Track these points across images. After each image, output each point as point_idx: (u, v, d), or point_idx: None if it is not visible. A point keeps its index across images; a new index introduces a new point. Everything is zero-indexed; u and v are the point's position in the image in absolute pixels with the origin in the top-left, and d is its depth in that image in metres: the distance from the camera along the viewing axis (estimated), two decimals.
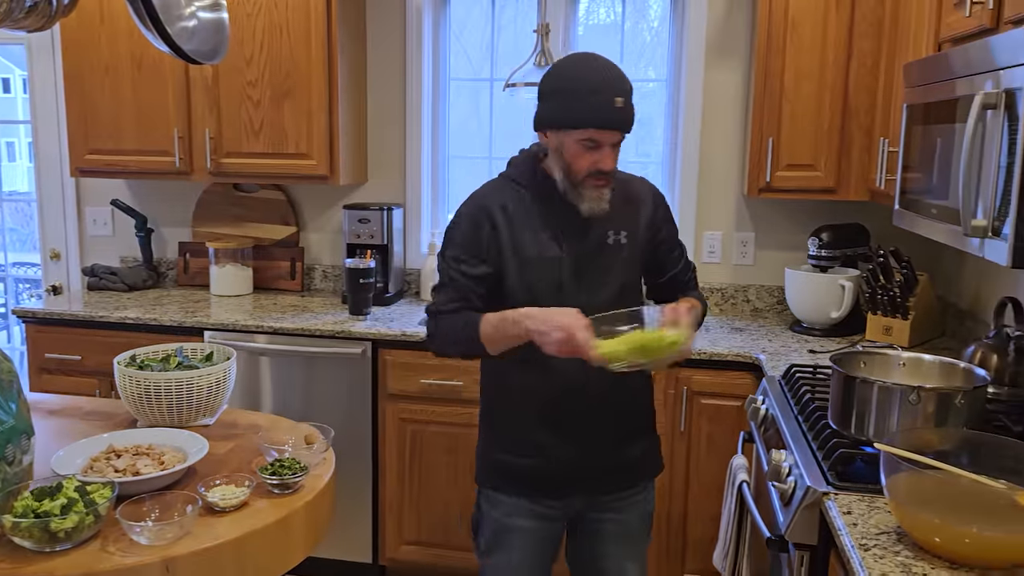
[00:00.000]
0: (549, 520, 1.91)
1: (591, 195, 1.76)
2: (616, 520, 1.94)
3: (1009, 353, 2.00)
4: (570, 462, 1.85)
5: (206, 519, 1.54)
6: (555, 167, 1.78)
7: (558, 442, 1.84)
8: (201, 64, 1.90)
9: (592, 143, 1.71)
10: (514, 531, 1.90)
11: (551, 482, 1.86)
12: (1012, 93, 1.46)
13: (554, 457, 1.84)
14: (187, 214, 3.68)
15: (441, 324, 1.81)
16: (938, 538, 1.32)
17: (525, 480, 1.87)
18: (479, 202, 1.83)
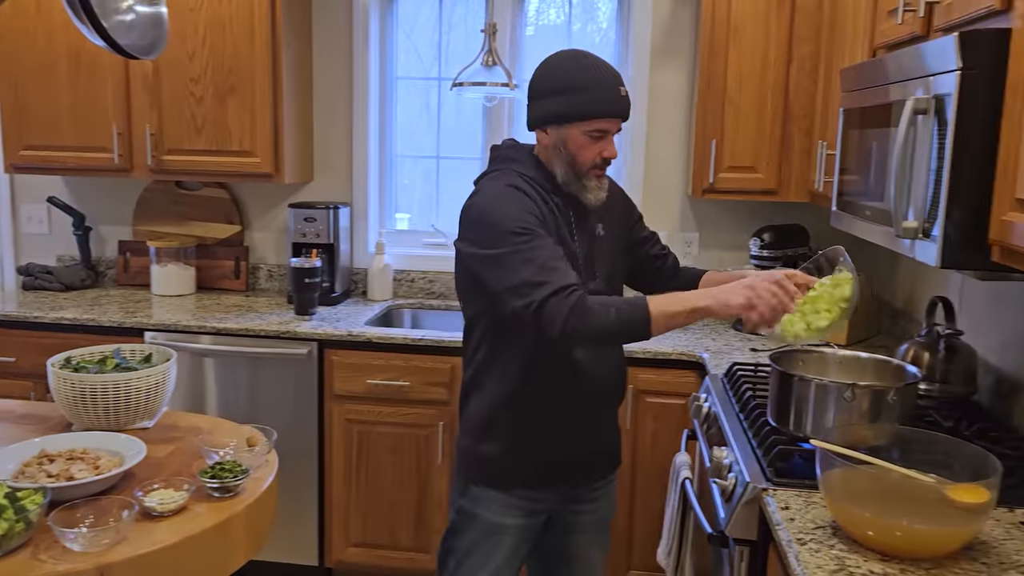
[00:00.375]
0: (535, 516, 1.91)
1: (593, 185, 1.82)
2: (592, 510, 1.99)
3: (939, 351, 2.06)
4: (581, 450, 1.91)
5: (143, 524, 1.51)
6: (556, 162, 1.81)
7: (576, 432, 1.89)
8: (138, 59, 1.86)
9: (599, 133, 1.77)
10: (506, 530, 1.89)
11: (554, 472, 1.88)
12: (941, 99, 1.51)
13: (571, 446, 1.89)
14: (127, 212, 3.60)
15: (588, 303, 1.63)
16: (871, 531, 1.36)
17: (529, 471, 1.86)
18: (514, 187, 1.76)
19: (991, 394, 2.10)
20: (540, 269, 1.63)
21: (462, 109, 3.53)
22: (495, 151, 1.92)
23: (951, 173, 1.47)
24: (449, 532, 1.95)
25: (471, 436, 1.90)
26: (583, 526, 2.00)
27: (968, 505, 1.32)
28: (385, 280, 3.39)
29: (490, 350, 1.83)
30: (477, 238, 1.73)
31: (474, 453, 1.89)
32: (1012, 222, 1.36)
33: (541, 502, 1.90)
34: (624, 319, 1.63)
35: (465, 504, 1.90)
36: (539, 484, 1.88)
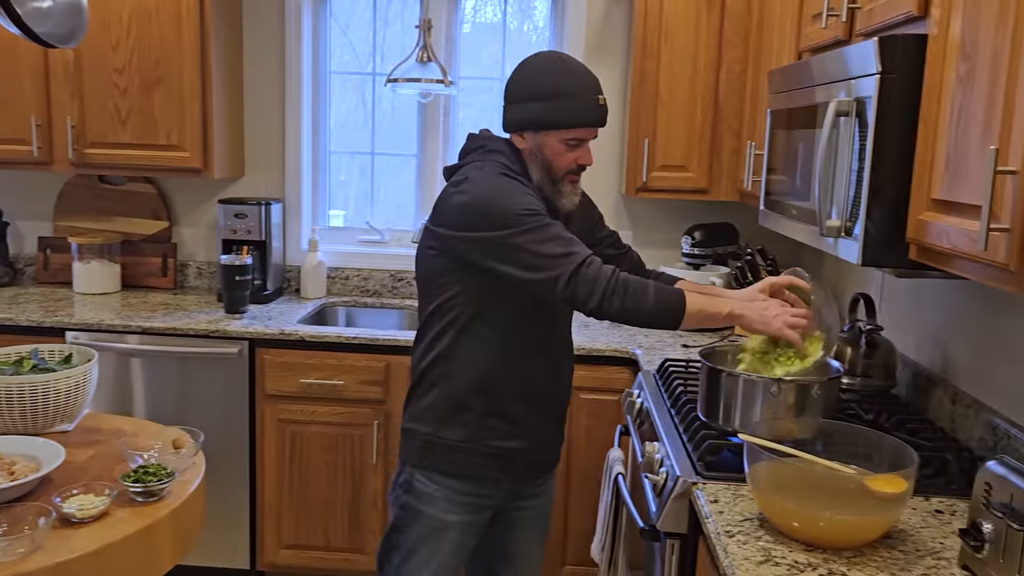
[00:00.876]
0: (481, 512, 1.91)
1: (567, 191, 1.85)
2: (535, 505, 2.02)
3: (861, 346, 2.13)
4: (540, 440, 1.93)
5: (61, 532, 1.46)
6: (531, 165, 1.83)
7: (541, 421, 1.92)
8: (56, 48, 1.80)
9: (576, 141, 1.80)
10: (451, 526, 1.88)
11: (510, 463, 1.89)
12: (862, 101, 1.55)
13: (533, 435, 1.90)
14: (47, 207, 3.46)
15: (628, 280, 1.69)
16: (796, 523, 1.40)
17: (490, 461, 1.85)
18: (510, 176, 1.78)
19: (909, 387, 2.17)
20: (564, 242, 1.69)
21: (398, 105, 3.50)
22: (473, 140, 1.90)
23: (871, 174, 1.52)
24: (392, 529, 1.93)
25: (433, 424, 1.86)
26: (525, 521, 2.02)
27: (887, 495, 1.36)
28: (319, 278, 3.34)
29: (459, 337, 1.81)
30: (480, 223, 1.71)
31: (433, 441, 1.86)
32: (928, 221, 1.41)
33: (488, 498, 1.91)
34: (661, 305, 1.68)
35: (410, 500, 1.89)
36: (493, 477, 1.88)
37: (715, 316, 1.70)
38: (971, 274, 1.30)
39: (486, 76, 3.45)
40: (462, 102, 3.46)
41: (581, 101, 1.77)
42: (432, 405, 1.86)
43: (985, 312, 1.87)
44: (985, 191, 1.15)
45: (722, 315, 1.70)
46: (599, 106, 1.79)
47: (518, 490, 1.97)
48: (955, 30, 1.35)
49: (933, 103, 1.42)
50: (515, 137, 1.84)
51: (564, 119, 1.77)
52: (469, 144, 1.89)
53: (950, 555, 1.37)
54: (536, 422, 1.91)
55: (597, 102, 1.79)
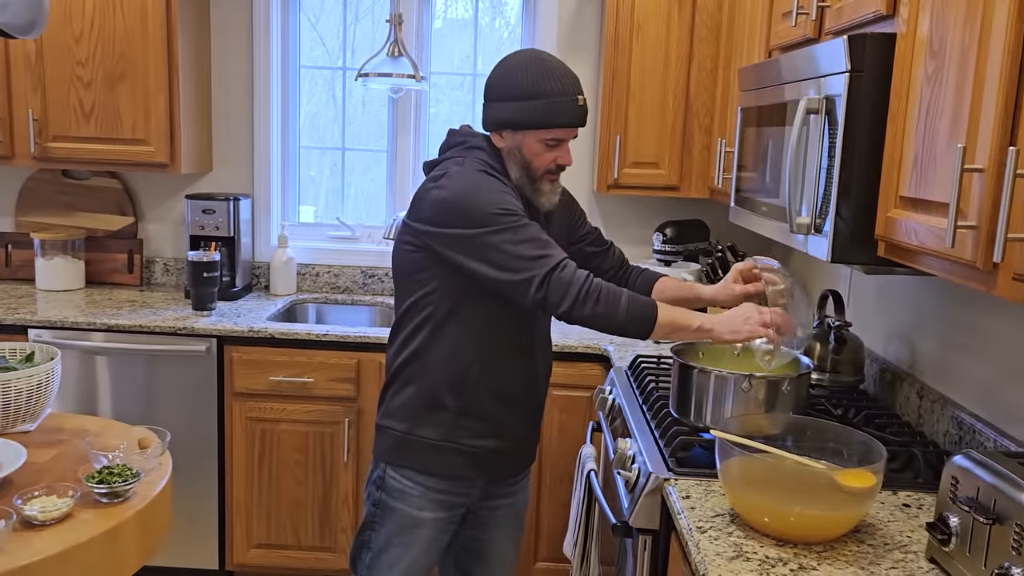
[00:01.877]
0: (454, 509, 1.90)
1: (546, 189, 1.83)
2: (509, 504, 2.01)
3: (830, 342, 2.15)
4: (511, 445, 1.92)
5: (23, 534, 1.43)
6: (510, 164, 1.82)
7: (508, 422, 1.89)
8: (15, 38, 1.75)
9: (555, 142, 1.78)
10: (424, 523, 1.87)
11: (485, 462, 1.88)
12: (832, 99, 1.56)
13: (501, 436, 1.88)
14: (9, 202, 3.39)
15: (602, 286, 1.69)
16: (766, 518, 1.41)
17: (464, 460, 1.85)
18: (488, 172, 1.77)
19: (877, 383, 2.20)
20: (539, 244, 1.69)
21: (369, 101, 3.47)
22: (453, 135, 1.89)
23: (840, 171, 1.53)
24: (364, 526, 1.92)
25: (407, 421, 1.85)
26: (499, 519, 2.02)
27: (856, 490, 1.37)
28: (288, 274, 3.30)
29: (434, 334, 1.79)
30: (456, 220, 1.70)
31: (407, 439, 1.85)
32: (896, 218, 1.42)
33: (462, 495, 1.90)
34: (632, 315, 1.69)
35: (382, 497, 1.88)
36: (467, 475, 1.87)
37: (685, 329, 1.72)
38: (938, 271, 1.31)
39: (458, 72, 3.43)
40: (434, 98, 3.44)
41: (560, 102, 1.76)
42: (407, 403, 1.85)
43: (951, 308, 1.90)
44: (952, 189, 1.16)
45: (692, 329, 1.72)
46: (578, 107, 1.78)
47: (492, 489, 1.97)
48: (923, 29, 1.36)
49: (901, 101, 1.43)
50: (494, 135, 1.83)
51: (543, 119, 1.76)
52: (449, 139, 1.88)
53: (918, 548, 1.39)
54: (511, 422, 1.90)
55: (576, 103, 1.78)
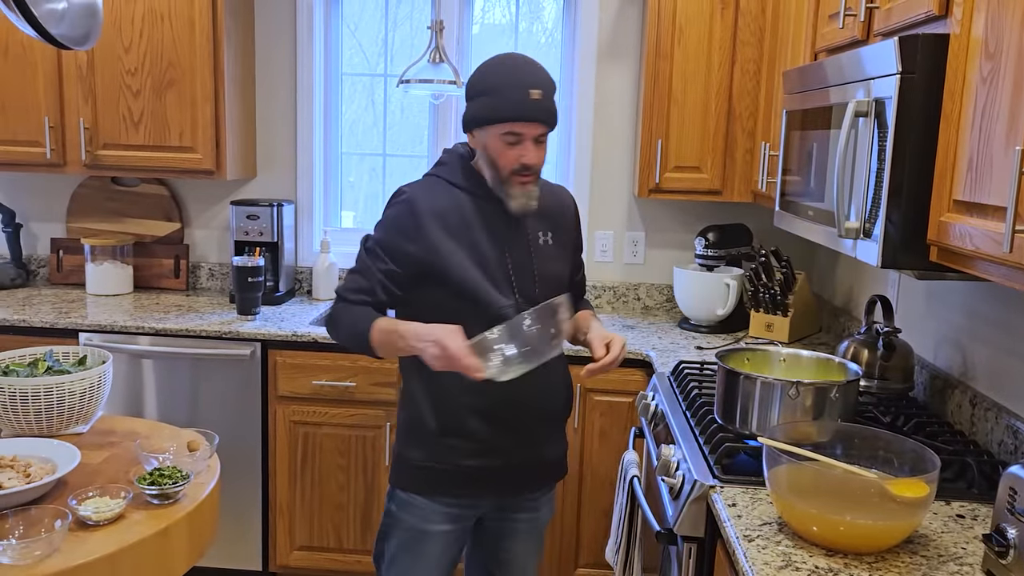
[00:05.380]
0: (463, 521, 1.90)
1: (517, 192, 1.79)
2: (530, 519, 1.98)
3: (879, 348, 2.11)
4: (509, 460, 1.86)
5: (77, 534, 1.46)
6: (484, 166, 1.82)
7: (496, 440, 1.84)
8: (71, 49, 1.79)
9: (514, 137, 1.74)
10: (430, 536, 1.88)
11: (480, 481, 1.85)
12: (881, 102, 1.54)
13: (495, 454, 1.84)
14: (61, 209, 3.47)
15: (340, 311, 1.83)
16: (815, 527, 1.38)
17: (455, 480, 1.84)
18: (408, 202, 1.81)
19: (927, 390, 2.16)
20: (358, 277, 1.81)
21: (408, 106, 3.50)
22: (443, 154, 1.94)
23: (891, 175, 1.50)
24: (378, 537, 1.97)
25: (400, 441, 1.92)
26: (517, 532, 1.98)
27: (908, 499, 1.34)
28: (330, 279, 3.33)
29: (413, 355, 1.75)
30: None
31: (402, 458, 1.90)
32: (949, 223, 1.39)
33: (469, 508, 1.89)
34: (352, 332, 1.79)
35: (392, 507, 1.91)
36: (464, 493, 1.86)
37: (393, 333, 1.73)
38: (994, 276, 1.28)
39: None
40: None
41: (512, 94, 1.72)
42: (401, 422, 1.93)
43: (1006, 314, 1.85)
44: (1010, 192, 1.14)
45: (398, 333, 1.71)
46: (531, 100, 1.71)
47: (508, 503, 1.94)
48: (978, 29, 1.34)
49: (955, 103, 1.40)
50: (469, 137, 1.85)
51: (493, 113, 1.74)
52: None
53: (973, 560, 1.36)
54: (498, 441, 1.84)
55: (529, 96, 1.71)
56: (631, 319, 3.19)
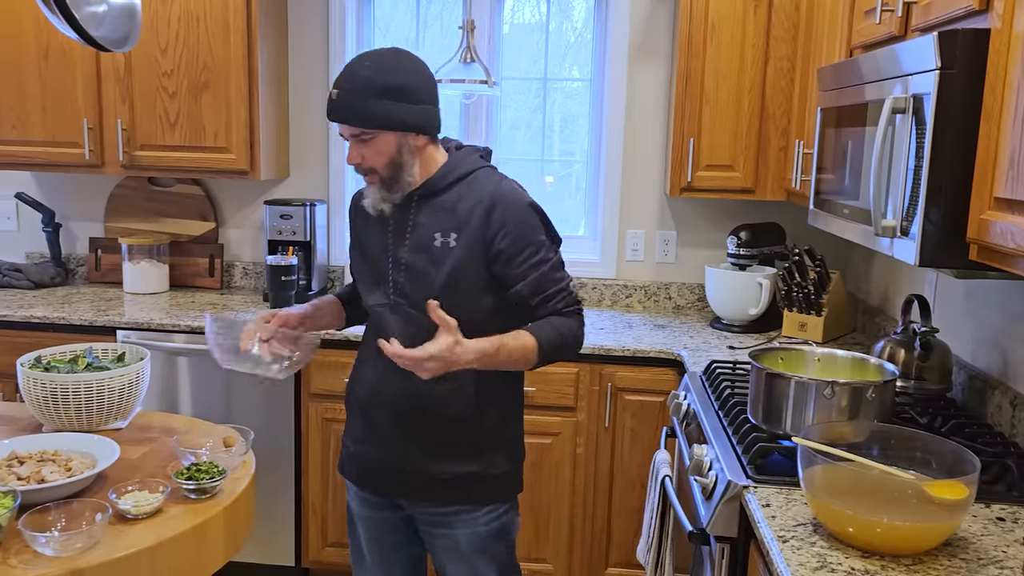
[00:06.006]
0: (376, 508, 1.93)
1: (367, 191, 1.80)
2: (446, 535, 1.88)
3: (915, 348, 2.08)
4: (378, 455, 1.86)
5: (117, 527, 1.49)
6: None
7: (367, 434, 1.88)
8: (110, 51, 1.82)
9: (343, 137, 1.75)
10: (356, 517, 1.98)
11: (363, 471, 1.91)
12: (920, 98, 1.52)
13: (362, 446, 1.89)
14: (98, 209, 3.54)
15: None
16: (851, 528, 1.37)
17: (347, 464, 1.95)
18: (352, 199, 1.97)
19: (965, 391, 2.12)
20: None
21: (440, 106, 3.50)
22: None
23: (929, 172, 1.48)
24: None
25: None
26: (439, 549, 1.91)
27: (947, 501, 1.33)
28: None
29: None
30: None
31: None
32: (990, 220, 1.37)
33: (374, 496, 1.92)
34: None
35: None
36: (351, 477, 1.94)
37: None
38: None
39: (528, 76, 3.44)
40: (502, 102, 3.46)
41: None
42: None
43: None
44: None
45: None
46: (330, 100, 1.71)
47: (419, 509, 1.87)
48: (1020, 24, 1.31)
49: (996, 99, 1.38)
50: None
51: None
52: None
53: (1014, 564, 1.33)
54: (358, 427, 1.89)
55: (330, 96, 1.71)
56: (662, 318, 3.18)
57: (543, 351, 1.73)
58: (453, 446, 1.82)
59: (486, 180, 1.80)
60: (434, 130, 1.78)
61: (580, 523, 2.83)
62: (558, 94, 3.47)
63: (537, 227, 1.78)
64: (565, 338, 1.76)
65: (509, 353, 1.70)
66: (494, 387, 1.82)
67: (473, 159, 1.83)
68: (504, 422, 1.87)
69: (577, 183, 3.52)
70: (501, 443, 1.87)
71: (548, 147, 3.50)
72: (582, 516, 2.83)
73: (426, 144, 1.77)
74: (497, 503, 1.87)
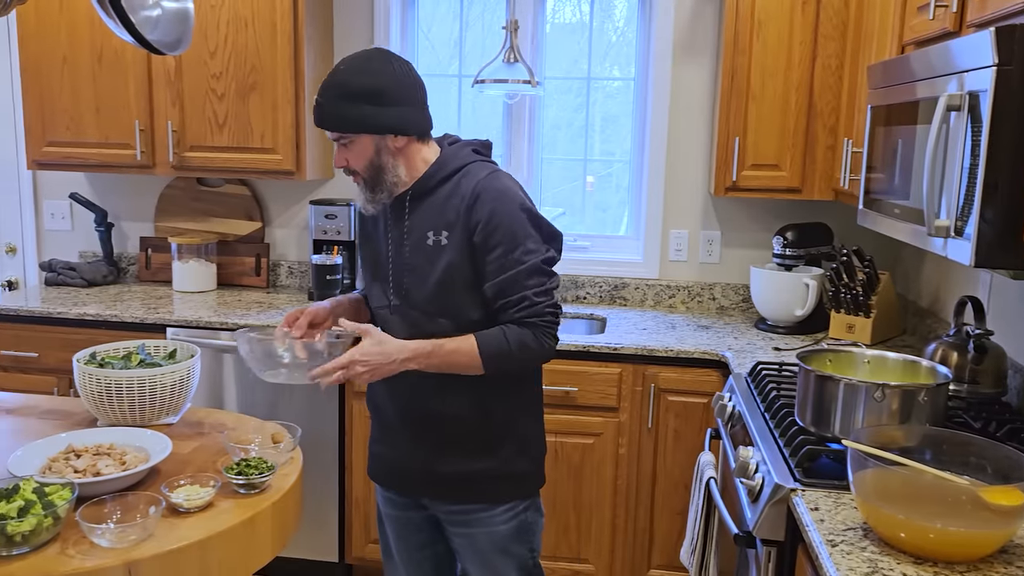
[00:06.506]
0: (400, 508, 1.97)
1: (356, 194, 1.82)
2: (465, 535, 1.89)
3: (969, 351, 2.04)
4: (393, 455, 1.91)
5: (170, 520, 1.52)
6: None
7: (381, 434, 1.94)
8: (164, 54, 1.86)
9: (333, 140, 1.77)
10: (383, 516, 2.04)
11: (384, 471, 1.96)
12: (976, 95, 1.48)
13: (379, 446, 1.95)
14: (149, 208, 3.62)
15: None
16: (903, 533, 1.34)
17: (370, 464, 2.00)
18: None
19: (1021, 394, 2.07)
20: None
21: (478, 107, 3.52)
22: None
23: (986, 170, 1.45)
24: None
25: None
26: (460, 550, 1.93)
27: (1003, 508, 1.29)
28: None
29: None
30: None
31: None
32: None
33: (399, 496, 1.96)
34: None
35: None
36: (375, 478, 1.99)
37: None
38: None
39: (569, 76, 3.44)
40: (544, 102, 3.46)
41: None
42: None
43: None
44: None
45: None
46: (315, 106, 1.75)
47: (440, 508, 1.89)
48: None
49: None
50: None
51: None
52: None
53: None
54: (379, 431, 1.95)
55: (315, 103, 1.74)
56: (706, 319, 3.15)
57: (485, 358, 1.69)
58: (458, 444, 1.83)
59: (474, 175, 1.76)
60: (416, 130, 1.76)
61: (622, 524, 2.82)
62: (599, 93, 3.46)
63: (517, 223, 1.71)
64: (513, 348, 1.69)
65: (448, 354, 1.70)
66: (498, 386, 1.80)
67: (464, 154, 1.81)
68: (515, 419, 1.86)
69: (617, 183, 3.50)
70: (513, 440, 1.86)
71: (589, 146, 3.49)
72: (624, 517, 2.82)
73: (407, 144, 1.75)
74: (515, 501, 1.87)
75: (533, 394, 1.91)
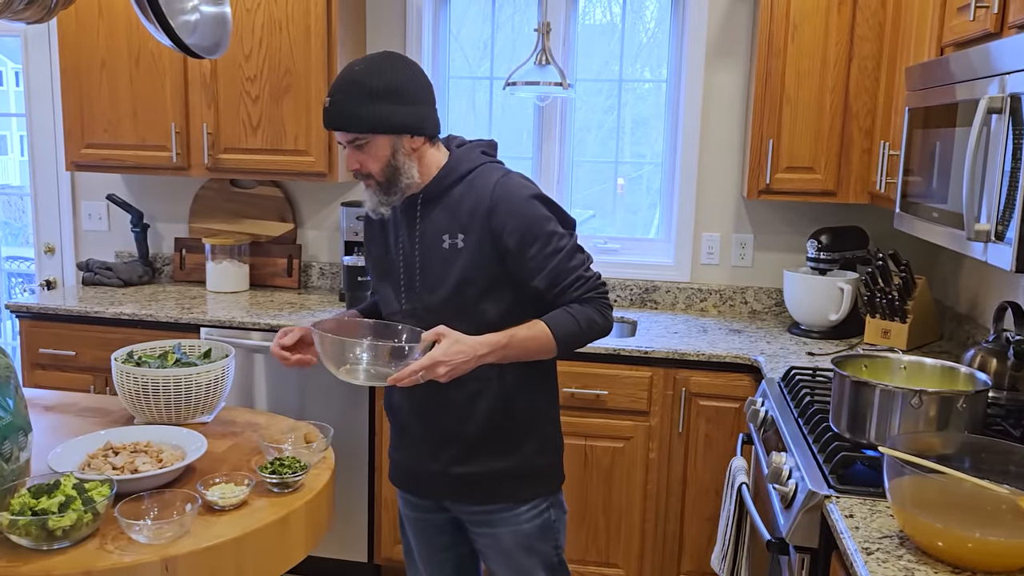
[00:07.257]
0: (421, 510, 1.97)
1: (365, 196, 1.80)
2: (489, 535, 1.89)
3: (1009, 358, 2.00)
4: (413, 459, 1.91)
5: (205, 518, 1.53)
6: None
7: (400, 440, 1.95)
8: (202, 58, 1.89)
9: (341, 145, 1.75)
10: (404, 518, 2.04)
11: (403, 475, 1.96)
12: (1018, 98, 1.46)
13: (398, 451, 1.96)
14: (184, 210, 3.67)
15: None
16: (941, 542, 1.32)
17: (390, 469, 2.01)
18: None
19: None
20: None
21: (508, 109, 3.53)
22: None
23: None
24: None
25: None
26: (485, 550, 1.93)
27: None
28: None
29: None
30: None
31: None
32: None
33: (421, 500, 1.95)
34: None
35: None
36: (395, 483, 2.00)
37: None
38: None
39: (600, 78, 3.43)
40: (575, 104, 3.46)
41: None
42: None
43: None
44: None
45: None
46: (325, 108, 1.71)
47: (462, 509, 1.89)
48: None
49: None
50: None
51: None
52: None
53: None
54: (398, 436, 1.95)
55: (325, 105, 1.71)
56: (738, 323, 3.13)
57: (560, 340, 1.72)
58: (481, 445, 1.83)
59: (487, 177, 1.76)
60: (430, 131, 1.76)
61: (652, 528, 2.81)
62: (629, 95, 3.45)
63: (543, 218, 1.74)
64: (583, 325, 1.74)
65: (522, 343, 1.70)
66: (520, 384, 1.82)
67: (474, 156, 1.80)
68: (535, 417, 1.87)
69: (648, 185, 3.49)
70: (536, 437, 1.87)
71: (620, 148, 3.48)
72: (654, 521, 2.80)
73: (423, 145, 1.75)
74: (538, 499, 1.88)
75: (551, 392, 1.93)
